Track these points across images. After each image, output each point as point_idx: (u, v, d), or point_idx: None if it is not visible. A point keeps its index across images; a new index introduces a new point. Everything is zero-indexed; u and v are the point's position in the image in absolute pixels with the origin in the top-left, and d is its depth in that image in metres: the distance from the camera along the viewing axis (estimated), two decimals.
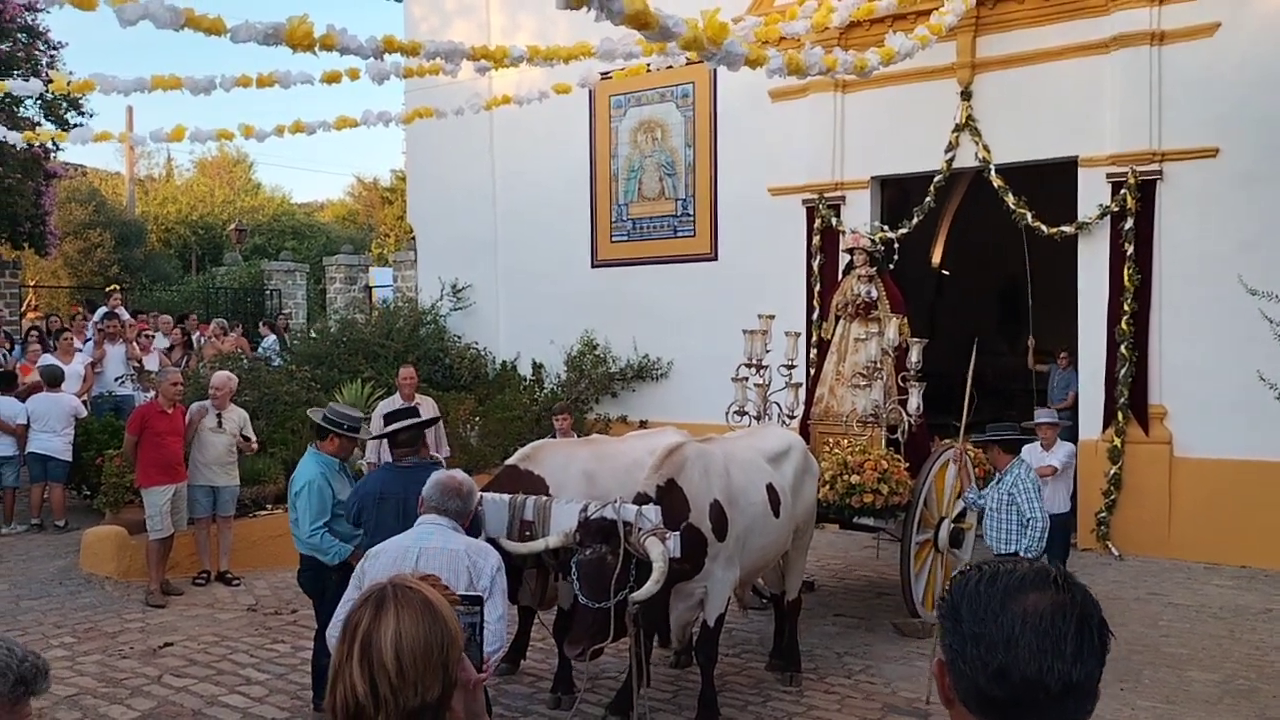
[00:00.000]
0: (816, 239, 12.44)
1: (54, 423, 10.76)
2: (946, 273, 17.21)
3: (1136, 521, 10.56)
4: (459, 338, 15.44)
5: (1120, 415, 10.67)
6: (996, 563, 1.55)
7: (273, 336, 16.25)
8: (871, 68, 8.28)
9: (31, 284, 22.13)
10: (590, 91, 13.17)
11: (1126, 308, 10.59)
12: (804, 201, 12.57)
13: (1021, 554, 6.63)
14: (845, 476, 7.80)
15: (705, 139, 13.59)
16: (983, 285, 16.88)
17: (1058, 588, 1.48)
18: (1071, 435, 11.88)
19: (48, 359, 12.07)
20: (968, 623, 1.48)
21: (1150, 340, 10.65)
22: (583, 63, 9.94)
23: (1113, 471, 10.66)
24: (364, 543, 5.99)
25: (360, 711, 1.83)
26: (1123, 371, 10.64)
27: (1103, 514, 10.70)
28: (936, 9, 9.83)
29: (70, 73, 13.25)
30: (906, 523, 8.00)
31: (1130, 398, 10.66)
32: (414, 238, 17.14)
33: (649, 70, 11.61)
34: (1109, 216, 10.74)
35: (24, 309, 18.59)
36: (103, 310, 14.45)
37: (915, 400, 8.24)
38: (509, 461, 6.70)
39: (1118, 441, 10.67)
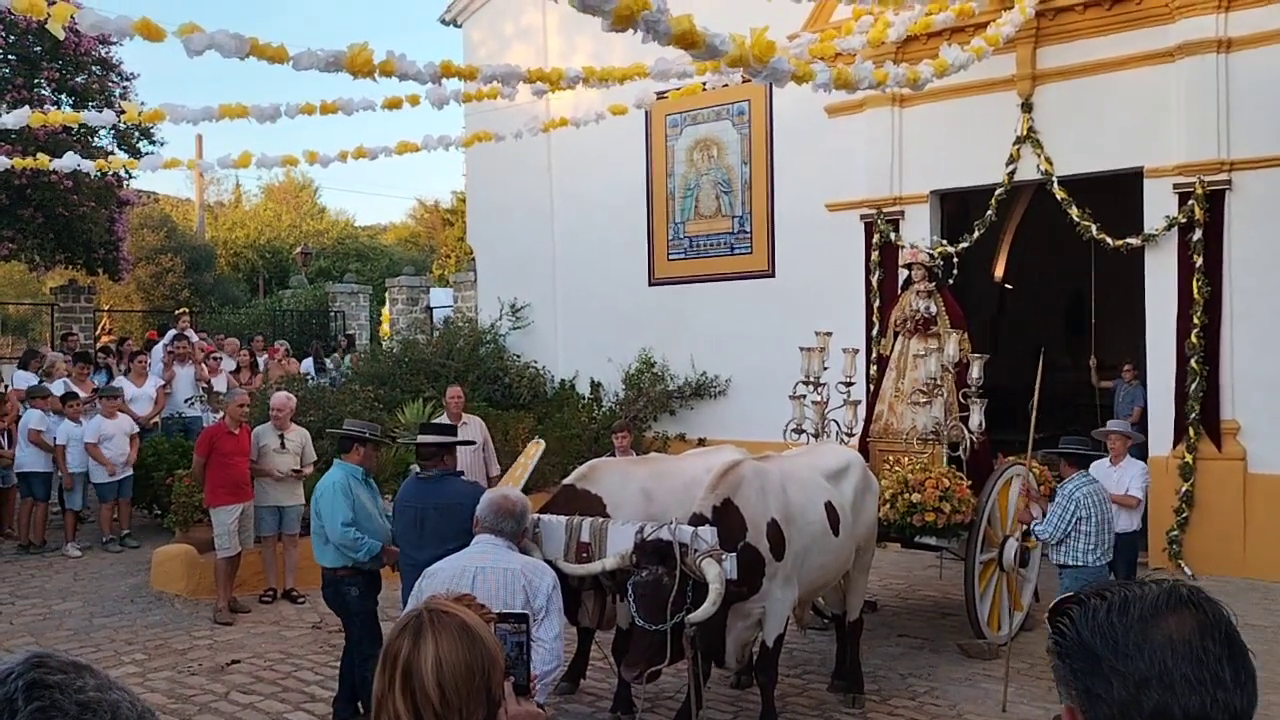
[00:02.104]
0: (875, 254, 12.34)
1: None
2: (1009, 287, 16.96)
3: (1210, 540, 10.28)
4: (518, 357, 15.56)
5: (1191, 431, 10.40)
6: (1113, 587, 1.36)
7: (309, 359, 16.53)
8: (925, 80, 8.20)
9: (105, 308, 22.76)
10: (646, 112, 13.23)
11: (1196, 320, 10.33)
12: (862, 217, 12.48)
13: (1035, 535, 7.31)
14: (906, 495, 7.70)
15: (761, 156, 13.57)
16: (1047, 299, 16.62)
17: (1195, 606, 1.31)
18: (1140, 451, 11.63)
19: (120, 380, 12.42)
20: (1108, 660, 1.28)
21: (1221, 354, 10.38)
22: (639, 83, 9.99)
23: (1184, 489, 10.39)
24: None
25: None
26: (1193, 386, 10.37)
27: (1175, 532, 10.43)
28: (994, 21, 9.73)
29: (142, 103, 13.65)
30: (969, 542, 7.87)
31: (1201, 413, 10.38)
32: (474, 258, 17.34)
33: (704, 89, 11.62)
34: (1176, 228, 10.50)
35: (98, 333, 19.12)
36: (172, 333, 14.81)
37: (977, 417, 8.12)
38: (566, 481, 6.72)
39: (1189, 458, 10.40)
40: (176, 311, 18.15)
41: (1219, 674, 1.26)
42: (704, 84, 11.10)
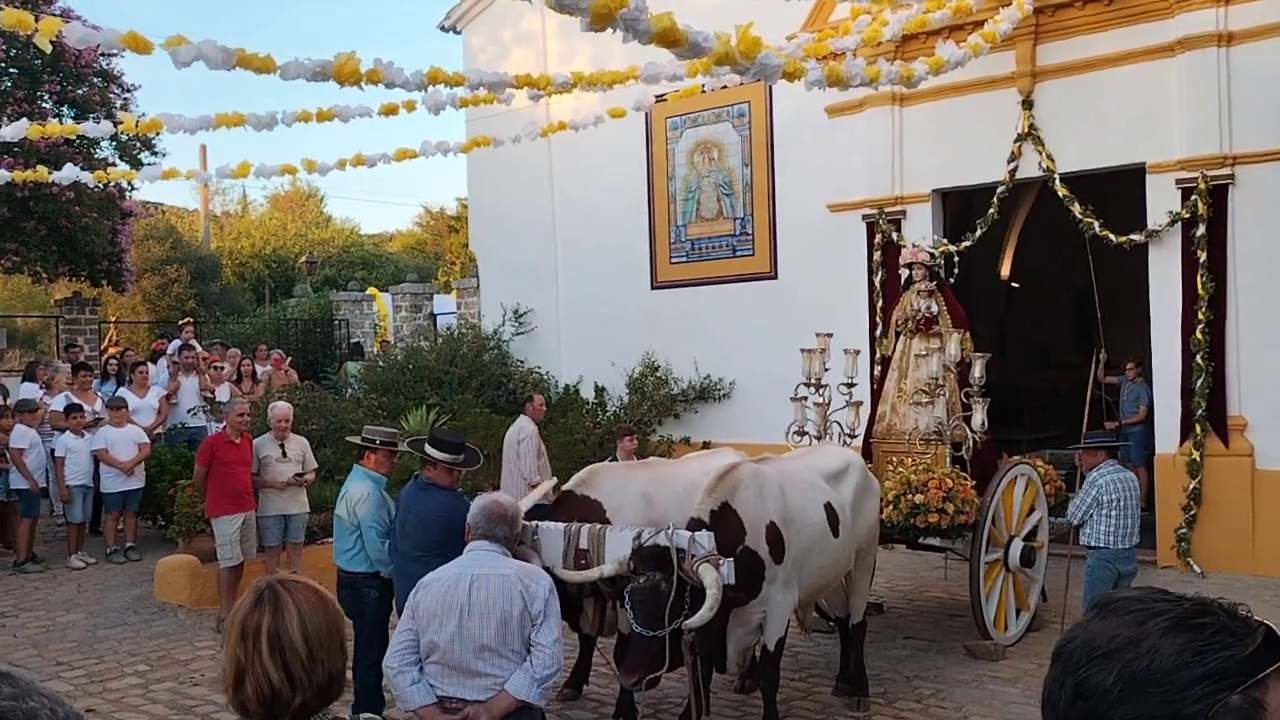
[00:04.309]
0: (877, 254, 12.28)
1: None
2: (1016, 285, 16.88)
3: (1218, 537, 10.20)
4: (522, 362, 15.54)
5: (1198, 428, 10.32)
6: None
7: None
8: (919, 77, 8.15)
9: (111, 320, 22.80)
10: (646, 114, 13.20)
11: (1201, 316, 10.26)
12: (864, 217, 12.42)
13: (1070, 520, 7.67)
14: (909, 496, 7.65)
15: (762, 157, 13.53)
16: (1053, 297, 16.54)
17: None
18: (1147, 449, 11.57)
19: (122, 391, 12.41)
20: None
21: (1227, 349, 10.30)
22: (639, 86, 9.94)
23: (1192, 486, 10.31)
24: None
25: (277, 697, 2.05)
26: (1199, 382, 10.30)
27: (1183, 530, 10.35)
28: (992, 18, 9.67)
29: (142, 114, 13.65)
30: (974, 542, 7.82)
31: (1208, 409, 10.30)
32: (477, 264, 17.33)
33: (704, 91, 11.59)
34: (1180, 223, 10.42)
35: (104, 344, 19.14)
36: (177, 343, 14.81)
37: (979, 416, 8.06)
38: (565, 487, 6.69)
39: (1196, 455, 10.32)
40: (180, 322, 18.16)
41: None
42: (703, 86, 11.06)
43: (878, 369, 11.13)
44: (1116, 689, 1.18)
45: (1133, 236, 10.68)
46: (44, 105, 15.90)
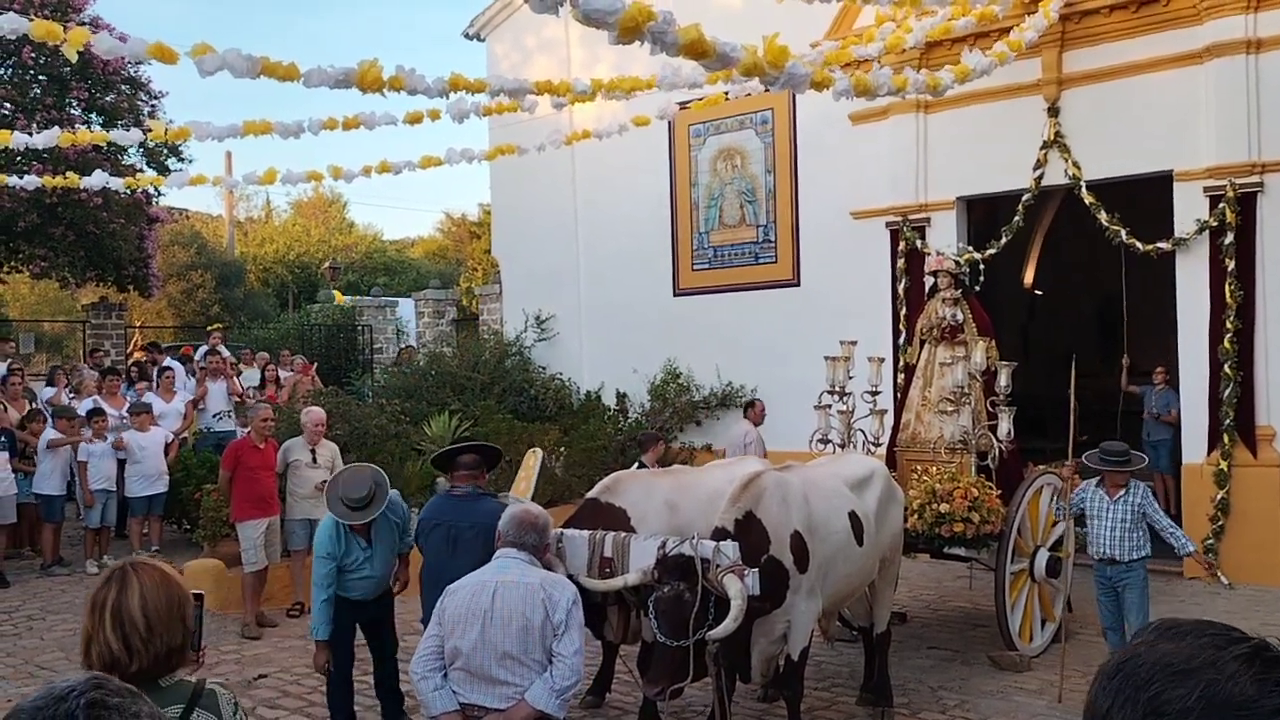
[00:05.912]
0: (901, 262, 12.24)
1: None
2: (1039, 293, 16.78)
3: (1247, 548, 10.08)
4: (543, 369, 15.56)
5: (1226, 437, 10.22)
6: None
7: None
8: (945, 85, 8.12)
9: (137, 325, 23.00)
10: (669, 122, 13.20)
11: (1229, 325, 10.16)
12: (887, 224, 12.38)
13: (1191, 551, 7.33)
14: (934, 505, 7.62)
15: (785, 164, 13.51)
16: (1078, 305, 16.44)
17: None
18: (1174, 457, 11.46)
19: (149, 396, 12.49)
20: None
21: (1255, 359, 10.20)
22: (662, 94, 9.95)
23: (1220, 496, 10.21)
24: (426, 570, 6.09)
25: (116, 662, 2.34)
26: (1227, 392, 10.20)
27: (1210, 541, 10.24)
28: (1017, 26, 9.63)
29: (170, 121, 13.80)
30: (1000, 552, 7.76)
31: (1236, 419, 10.21)
32: (499, 271, 17.37)
33: (726, 98, 11.59)
34: (1208, 231, 10.34)
35: (130, 349, 19.30)
36: (204, 348, 14.90)
37: (1005, 425, 8.02)
38: (589, 495, 6.68)
39: (1224, 465, 10.22)
40: (209, 328, 18.28)
41: None
42: (726, 93, 11.07)
43: (901, 377, 11.09)
44: (1199, 707, 1.18)
45: (1160, 244, 10.60)
46: (72, 112, 16.06)
